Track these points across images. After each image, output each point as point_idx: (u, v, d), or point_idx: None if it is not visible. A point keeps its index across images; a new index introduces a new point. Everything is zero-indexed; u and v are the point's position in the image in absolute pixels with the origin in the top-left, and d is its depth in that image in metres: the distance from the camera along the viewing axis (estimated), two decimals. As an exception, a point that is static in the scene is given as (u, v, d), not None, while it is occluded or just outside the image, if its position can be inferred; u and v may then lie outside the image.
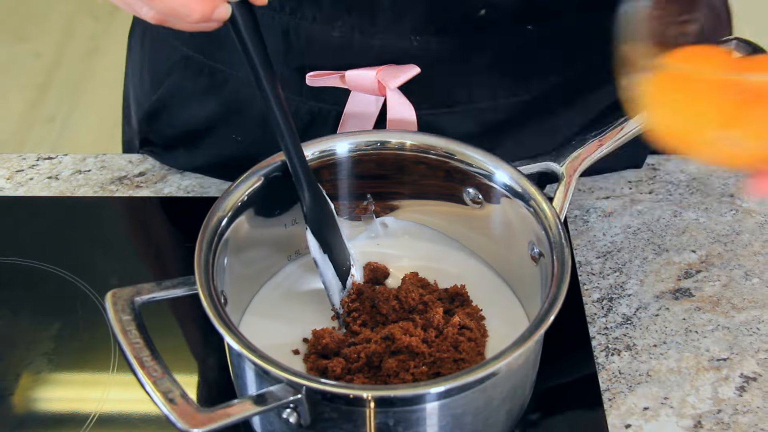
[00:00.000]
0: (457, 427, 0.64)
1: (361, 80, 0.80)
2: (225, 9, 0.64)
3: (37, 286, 0.84)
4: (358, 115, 0.83)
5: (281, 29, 0.81)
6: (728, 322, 0.80)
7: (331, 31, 0.80)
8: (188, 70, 0.89)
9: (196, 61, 0.88)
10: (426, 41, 0.80)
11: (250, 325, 0.75)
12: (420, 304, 0.74)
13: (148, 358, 0.61)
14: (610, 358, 0.77)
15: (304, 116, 0.85)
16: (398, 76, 0.79)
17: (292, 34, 0.81)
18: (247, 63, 0.67)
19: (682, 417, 0.73)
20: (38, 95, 2.50)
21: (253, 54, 0.67)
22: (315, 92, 0.83)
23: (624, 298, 0.82)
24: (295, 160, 0.71)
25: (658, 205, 0.90)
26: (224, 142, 0.90)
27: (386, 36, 0.79)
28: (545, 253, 0.70)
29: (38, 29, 2.72)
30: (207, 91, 0.88)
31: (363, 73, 0.80)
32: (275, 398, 0.60)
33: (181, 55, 0.89)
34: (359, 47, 0.80)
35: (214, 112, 0.89)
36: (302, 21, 0.80)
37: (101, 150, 1.09)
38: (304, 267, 0.79)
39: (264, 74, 0.67)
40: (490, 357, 0.63)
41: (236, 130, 0.89)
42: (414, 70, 0.80)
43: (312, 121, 0.85)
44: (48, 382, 0.76)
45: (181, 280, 0.67)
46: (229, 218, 0.71)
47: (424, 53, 0.80)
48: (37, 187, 0.93)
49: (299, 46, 0.81)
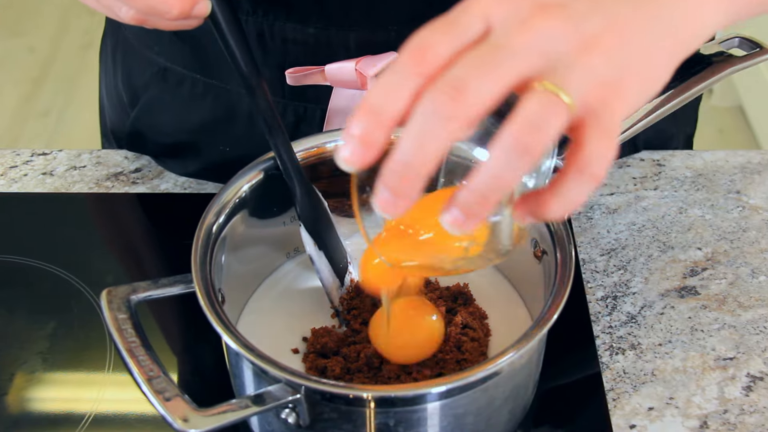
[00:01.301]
0: (458, 427, 0.64)
1: (340, 73, 0.80)
2: (205, 5, 0.64)
3: (32, 285, 0.84)
4: (342, 110, 0.83)
5: (256, 32, 0.81)
6: (735, 320, 0.80)
7: (306, 28, 0.80)
8: (167, 83, 0.88)
9: (174, 73, 0.88)
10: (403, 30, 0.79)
11: (248, 323, 0.75)
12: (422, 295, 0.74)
13: (144, 357, 0.61)
14: (615, 357, 0.77)
15: (289, 118, 0.85)
16: (376, 64, 0.79)
17: (267, 36, 0.81)
18: (230, 60, 0.67)
19: (687, 417, 0.73)
20: (32, 90, 2.50)
21: (236, 50, 0.67)
22: (297, 92, 0.83)
23: (628, 296, 0.82)
24: (284, 157, 0.71)
25: (664, 201, 0.90)
26: (211, 152, 0.90)
27: (362, 28, 0.79)
28: (548, 251, 0.70)
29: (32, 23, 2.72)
30: (188, 103, 0.88)
31: (342, 65, 0.80)
32: (274, 398, 0.60)
33: (158, 67, 0.88)
34: (336, 42, 0.80)
35: (197, 124, 0.89)
36: (276, 21, 0.80)
37: (97, 145, 1.09)
38: (303, 264, 0.79)
39: (248, 70, 0.67)
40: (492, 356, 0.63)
41: (222, 141, 0.89)
42: (391, 56, 0.79)
43: (297, 123, 0.85)
44: (42, 381, 0.76)
45: (178, 278, 0.67)
46: (227, 215, 0.71)
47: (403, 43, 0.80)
48: (31, 184, 0.93)
49: (275, 47, 0.81)
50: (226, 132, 0.88)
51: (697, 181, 0.92)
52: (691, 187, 0.92)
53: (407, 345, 0.69)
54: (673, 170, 0.94)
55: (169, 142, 0.92)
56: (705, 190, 0.92)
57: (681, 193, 0.91)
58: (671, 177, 0.93)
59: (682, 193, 0.91)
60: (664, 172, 0.93)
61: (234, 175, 0.73)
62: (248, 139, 0.86)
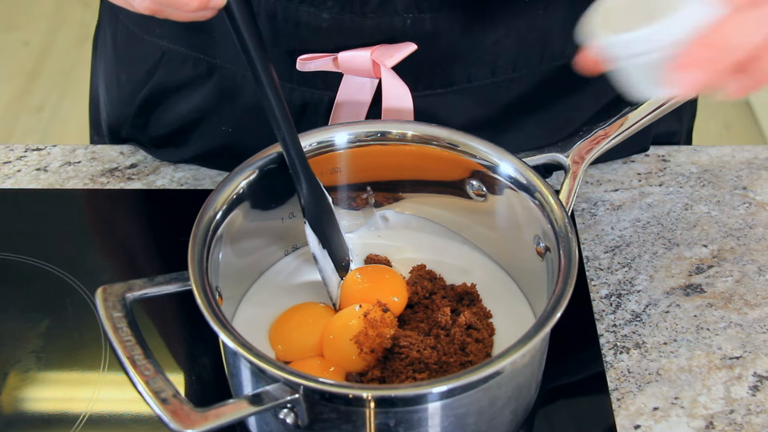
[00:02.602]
0: (460, 427, 0.64)
1: (354, 62, 0.80)
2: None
3: (25, 282, 0.83)
4: (350, 101, 0.82)
5: (267, 14, 0.80)
6: (741, 319, 0.80)
7: (320, 13, 0.79)
8: (171, 64, 0.88)
9: (178, 54, 0.87)
10: (420, 19, 0.79)
11: (245, 320, 0.75)
12: (425, 298, 0.74)
13: (140, 356, 0.61)
14: (619, 356, 0.77)
15: (296, 102, 0.85)
16: (394, 55, 0.79)
17: (280, 18, 0.80)
18: (241, 51, 0.67)
19: (693, 417, 0.73)
20: (27, 84, 2.50)
21: (249, 42, 0.66)
22: (306, 78, 0.83)
23: (633, 294, 0.82)
24: (292, 152, 0.71)
25: (669, 197, 0.90)
26: (213, 133, 0.90)
27: (378, 15, 0.79)
28: (551, 248, 0.70)
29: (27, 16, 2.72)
30: (193, 83, 0.88)
31: (357, 53, 0.79)
32: (272, 398, 0.60)
33: (161, 51, 0.88)
34: (350, 29, 0.79)
35: (200, 104, 0.89)
36: (290, 3, 0.79)
37: (91, 141, 1.08)
38: (301, 260, 0.79)
39: (260, 63, 0.67)
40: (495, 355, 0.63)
41: (225, 121, 0.89)
42: (410, 47, 0.79)
43: (304, 109, 0.85)
44: (36, 381, 0.76)
45: (175, 275, 0.67)
46: (224, 212, 0.71)
47: (418, 32, 0.79)
48: (24, 180, 0.93)
49: (287, 30, 0.81)
50: (229, 112, 0.88)
51: (702, 177, 0.92)
52: (697, 183, 0.92)
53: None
54: (679, 166, 0.93)
55: (173, 127, 0.92)
56: (711, 186, 0.91)
57: (686, 189, 0.91)
58: (676, 173, 0.93)
59: (688, 189, 0.91)
60: (670, 167, 0.93)
61: (231, 172, 0.73)
62: (251, 120, 0.86)
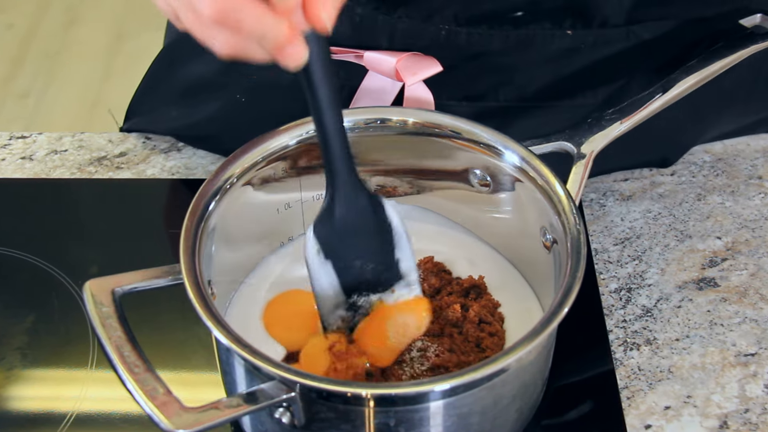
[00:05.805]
0: (463, 427, 0.64)
1: (378, 64, 0.81)
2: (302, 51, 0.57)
3: (10, 276, 0.83)
4: (374, 91, 0.83)
5: None
6: (756, 314, 0.80)
7: (354, 7, 0.80)
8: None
9: None
10: (455, 32, 0.80)
11: (239, 317, 0.75)
12: (431, 296, 0.74)
13: (129, 352, 0.61)
14: (629, 353, 0.77)
15: None
16: (417, 73, 0.80)
17: None
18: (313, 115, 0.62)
19: (706, 417, 0.73)
20: (11, 69, 2.50)
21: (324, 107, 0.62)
22: None
23: (644, 288, 0.82)
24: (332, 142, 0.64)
25: (681, 188, 0.90)
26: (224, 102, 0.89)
27: (413, 21, 0.80)
28: (559, 240, 0.69)
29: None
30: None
31: (382, 57, 0.81)
32: (267, 396, 0.60)
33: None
34: (381, 28, 0.81)
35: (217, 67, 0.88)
36: None
37: (79, 128, 1.08)
38: (296, 253, 0.79)
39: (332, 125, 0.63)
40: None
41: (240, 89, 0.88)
42: (435, 67, 0.80)
43: None
44: (21, 379, 0.76)
45: (166, 268, 0.67)
46: (217, 202, 0.71)
47: (451, 44, 0.81)
48: (9, 169, 0.93)
49: None
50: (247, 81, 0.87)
51: (716, 166, 0.92)
52: (710, 173, 0.92)
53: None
54: (691, 155, 0.93)
55: (188, 83, 0.91)
56: (725, 175, 0.91)
57: (699, 178, 0.91)
58: (689, 162, 0.93)
59: (701, 178, 0.91)
60: (682, 156, 0.93)
61: (225, 160, 0.73)
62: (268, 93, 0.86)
